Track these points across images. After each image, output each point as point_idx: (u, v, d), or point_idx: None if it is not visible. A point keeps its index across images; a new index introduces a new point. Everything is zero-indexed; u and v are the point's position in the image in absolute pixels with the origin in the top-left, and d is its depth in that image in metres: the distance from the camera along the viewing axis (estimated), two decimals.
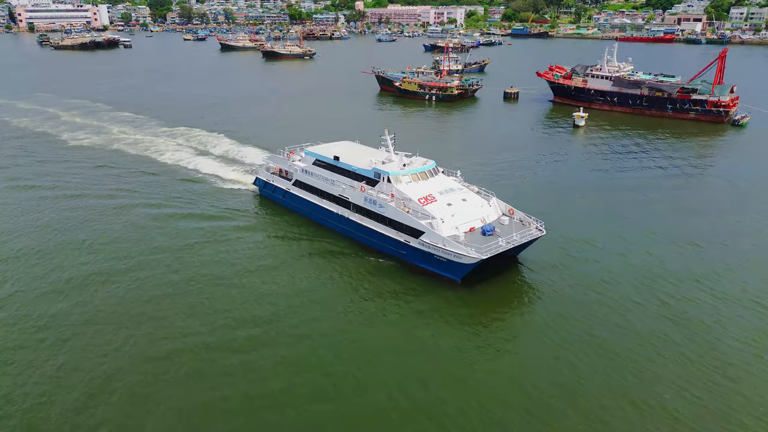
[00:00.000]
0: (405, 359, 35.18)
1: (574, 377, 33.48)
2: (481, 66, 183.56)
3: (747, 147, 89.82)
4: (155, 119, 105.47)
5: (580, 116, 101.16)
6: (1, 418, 30.08)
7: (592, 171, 75.29)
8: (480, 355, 35.60)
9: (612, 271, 46.38)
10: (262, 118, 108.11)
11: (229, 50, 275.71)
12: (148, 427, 29.63)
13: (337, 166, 54.44)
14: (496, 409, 31.05)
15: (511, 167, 75.49)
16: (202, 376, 33.44)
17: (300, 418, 30.34)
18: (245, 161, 77.11)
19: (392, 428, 29.72)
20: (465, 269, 42.55)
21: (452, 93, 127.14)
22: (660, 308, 40.74)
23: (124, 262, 47.69)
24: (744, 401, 31.70)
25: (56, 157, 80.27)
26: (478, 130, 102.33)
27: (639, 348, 36.11)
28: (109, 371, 33.85)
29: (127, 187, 66.59)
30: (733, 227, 55.86)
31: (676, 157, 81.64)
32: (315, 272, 46.40)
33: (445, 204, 47.15)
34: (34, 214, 58.59)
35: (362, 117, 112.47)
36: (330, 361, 34.84)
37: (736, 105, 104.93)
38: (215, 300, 41.79)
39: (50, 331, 37.90)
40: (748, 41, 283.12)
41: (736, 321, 39.23)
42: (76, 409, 30.79)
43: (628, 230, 54.63)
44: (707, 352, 35.87)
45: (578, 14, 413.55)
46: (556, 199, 63.31)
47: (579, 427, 29.73)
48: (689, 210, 60.87)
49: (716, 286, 43.97)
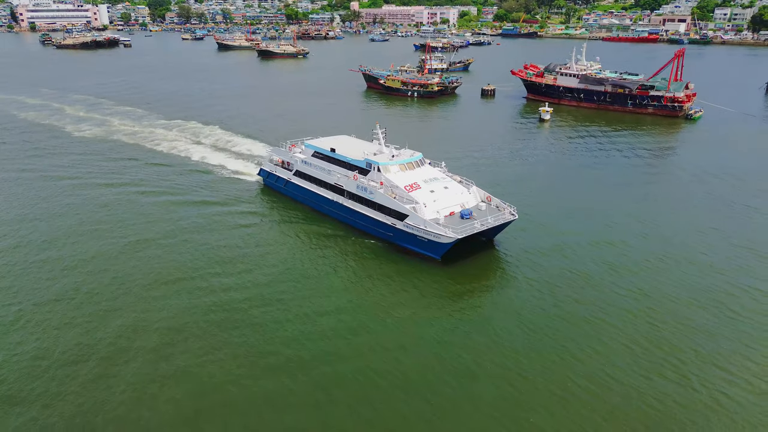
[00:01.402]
0: (388, 328, 39.51)
1: (539, 340, 38.39)
2: (465, 65, 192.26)
3: (696, 138, 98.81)
4: (155, 113, 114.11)
5: (545, 111, 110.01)
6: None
7: (553, 159, 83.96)
8: (456, 322, 40.35)
9: (577, 254, 50.94)
10: (254, 113, 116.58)
11: (225, 49, 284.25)
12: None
13: (333, 157, 59.16)
14: (472, 367, 35.38)
15: (481, 156, 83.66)
16: (212, 327, 39.28)
17: (307, 380, 34.34)
18: (236, 150, 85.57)
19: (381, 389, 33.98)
20: (443, 248, 47.55)
21: (433, 90, 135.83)
22: (613, 275, 47.04)
23: (145, 243, 52.89)
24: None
25: (84, 150, 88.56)
26: (455, 124, 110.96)
27: (598, 311, 41.67)
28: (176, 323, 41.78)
29: (149, 178, 71.82)
30: (676, 205, 64.58)
31: (626, 146, 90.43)
32: (312, 252, 51.48)
33: (429, 191, 51.97)
34: (65, 200, 67.14)
35: (350, 112, 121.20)
36: (325, 331, 39.09)
37: (691, 100, 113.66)
38: (225, 276, 46.68)
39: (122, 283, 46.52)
40: (729, 41, 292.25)
41: (686, 282, 46.58)
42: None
43: (582, 208, 62.99)
44: (653, 309, 42.06)
45: (568, 15, 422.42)
46: (521, 185, 70.90)
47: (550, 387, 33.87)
48: (636, 190, 69.64)
49: (664, 250, 52.30)
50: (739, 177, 73.52)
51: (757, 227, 57.38)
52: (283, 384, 33.98)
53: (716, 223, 58.11)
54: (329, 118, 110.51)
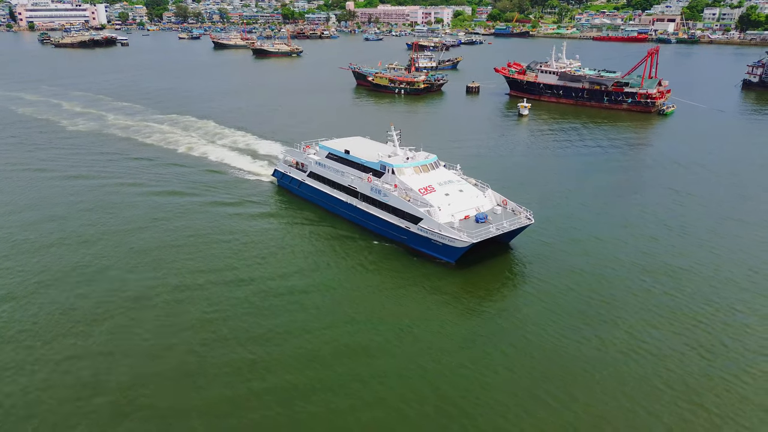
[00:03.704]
0: (402, 328, 39.54)
1: (541, 336, 38.74)
2: (454, 63, 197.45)
3: (665, 132, 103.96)
4: (151, 109, 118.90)
5: (523, 106, 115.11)
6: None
7: (528, 151, 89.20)
8: (468, 324, 40.56)
9: (592, 254, 51.02)
10: (244, 109, 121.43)
11: (221, 48, 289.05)
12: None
13: (347, 158, 58.58)
14: (481, 370, 35.38)
15: (462, 146, 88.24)
16: (218, 322, 40.08)
17: (325, 371, 35.05)
18: (251, 148, 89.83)
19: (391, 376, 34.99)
20: (458, 252, 46.85)
21: (419, 87, 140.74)
22: (634, 270, 47.82)
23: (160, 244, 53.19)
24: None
25: (100, 148, 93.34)
26: (440, 120, 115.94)
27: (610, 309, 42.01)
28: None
29: (162, 178, 72.15)
30: (643, 194, 69.71)
31: (598, 140, 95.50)
32: (325, 253, 51.51)
33: (443, 194, 51.21)
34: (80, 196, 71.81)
35: (340, 109, 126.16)
36: (340, 325, 40.06)
37: (664, 96, 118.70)
38: (239, 270, 47.87)
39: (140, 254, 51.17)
40: (716, 40, 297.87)
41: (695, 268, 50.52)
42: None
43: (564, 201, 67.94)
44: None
45: (561, 14, 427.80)
46: (502, 174, 75.49)
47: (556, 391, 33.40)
48: (603, 179, 74.66)
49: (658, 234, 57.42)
50: (702, 165, 79.35)
51: (708, 206, 62.62)
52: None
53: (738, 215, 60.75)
54: (320, 114, 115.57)
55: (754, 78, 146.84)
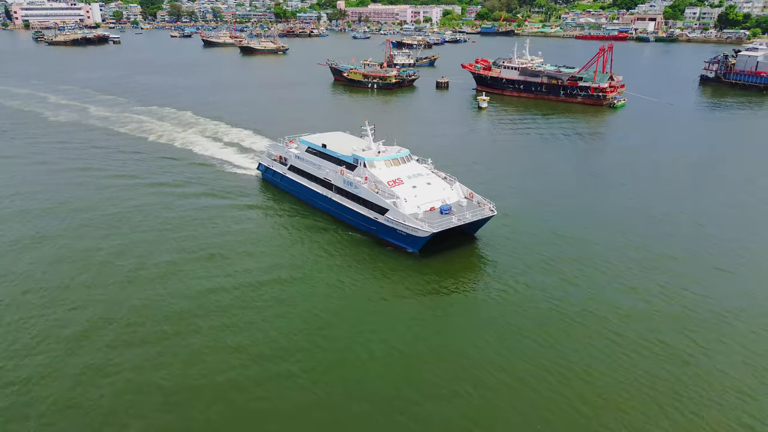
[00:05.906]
0: (364, 314, 42.45)
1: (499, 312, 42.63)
2: (431, 60, 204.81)
3: (615, 123, 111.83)
4: (133, 103, 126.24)
5: (482, 99, 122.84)
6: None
7: (484, 139, 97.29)
8: (426, 310, 43.47)
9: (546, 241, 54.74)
10: (230, 102, 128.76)
11: (210, 46, 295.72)
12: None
13: (323, 152, 61.48)
14: (443, 353, 38.06)
15: (424, 135, 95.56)
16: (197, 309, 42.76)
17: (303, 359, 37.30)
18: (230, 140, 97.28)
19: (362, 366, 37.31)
20: (421, 241, 49.52)
21: (391, 82, 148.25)
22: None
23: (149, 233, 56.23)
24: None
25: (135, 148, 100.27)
26: (410, 113, 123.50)
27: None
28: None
29: (153, 170, 75.96)
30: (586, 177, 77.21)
31: (552, 130, 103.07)
32: (300, 244, 54.14)
33: (411, 186, 53.47)
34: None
35: (316, 101, 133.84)
36: (310, 314, 42.49)
37: (616, 90, 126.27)
38: (221, 261, 50.43)
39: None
40: (694, 39, 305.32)
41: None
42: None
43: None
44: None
45: (547, 13, 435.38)
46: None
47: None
48: (543, 166, 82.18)
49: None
50: (635, 149, 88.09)
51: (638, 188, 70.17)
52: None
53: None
54: (297, 106, 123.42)
55: (710, 74, 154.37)
